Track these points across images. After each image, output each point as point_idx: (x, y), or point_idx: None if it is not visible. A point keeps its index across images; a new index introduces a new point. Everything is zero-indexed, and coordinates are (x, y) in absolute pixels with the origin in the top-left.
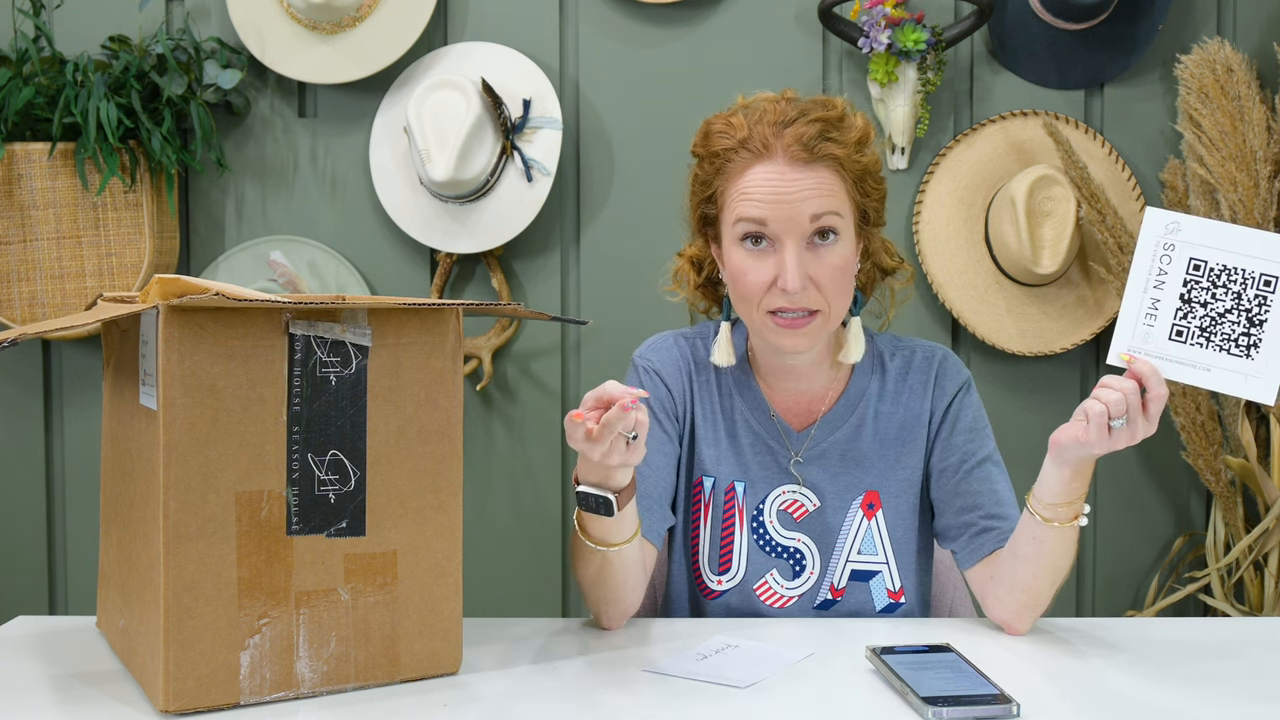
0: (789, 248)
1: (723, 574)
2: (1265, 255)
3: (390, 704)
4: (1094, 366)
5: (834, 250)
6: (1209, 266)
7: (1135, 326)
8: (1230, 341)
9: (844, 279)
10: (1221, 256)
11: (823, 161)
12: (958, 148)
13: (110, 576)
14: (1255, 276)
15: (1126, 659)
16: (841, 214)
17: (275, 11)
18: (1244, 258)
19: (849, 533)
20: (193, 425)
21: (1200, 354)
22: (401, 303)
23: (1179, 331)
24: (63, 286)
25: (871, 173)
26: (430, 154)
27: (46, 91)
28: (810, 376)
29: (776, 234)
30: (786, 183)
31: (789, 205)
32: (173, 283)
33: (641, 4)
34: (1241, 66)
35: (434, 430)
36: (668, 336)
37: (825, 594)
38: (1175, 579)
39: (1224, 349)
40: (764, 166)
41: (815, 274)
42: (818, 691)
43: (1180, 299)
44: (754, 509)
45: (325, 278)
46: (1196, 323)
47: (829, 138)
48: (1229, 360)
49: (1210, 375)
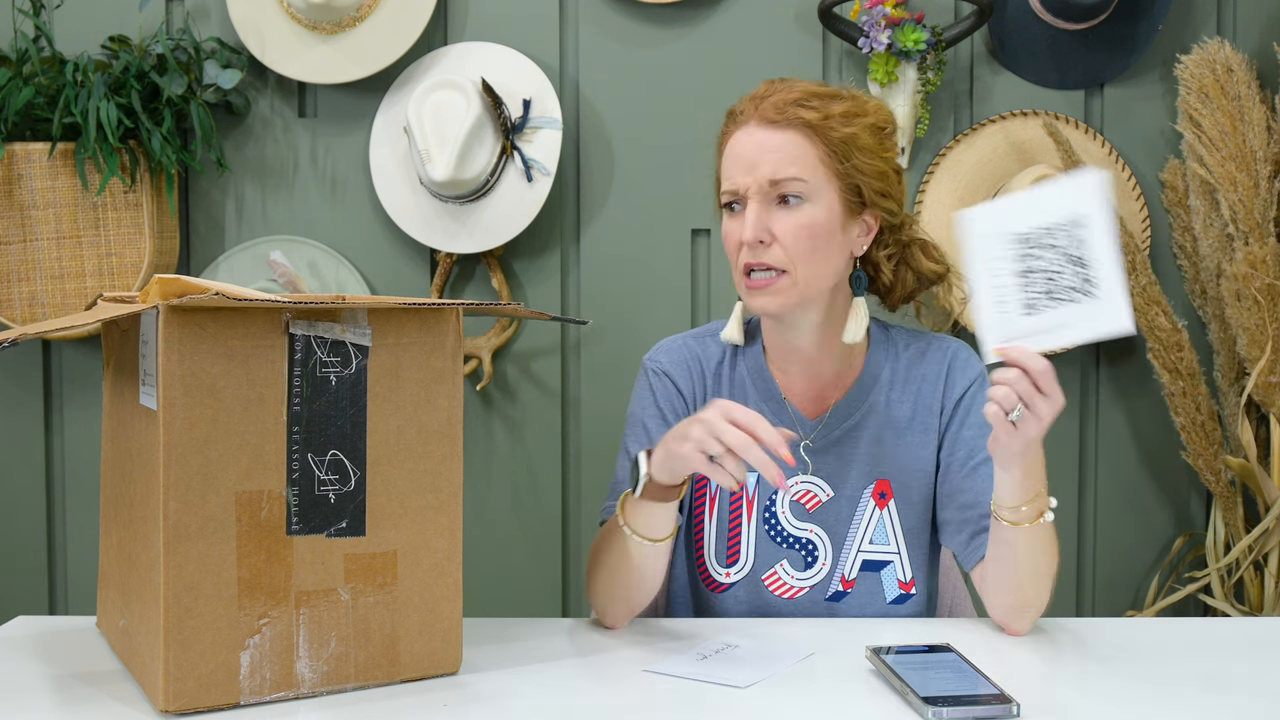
0: (750, 206)
1: (730, 565)
2: (1062, 202)
3: (390, 704)
4: (1094, 366)
5: (799, 212)
6: (1025, 235)
7: (993, 320)
8: (1072, 291)
9: (811, 241)
10: (1030, 221)
11: (790, 124)
12: (958, 148)
13: (110, 576)
14: (1064, 224)
15: (1126, 659)
16: (807, 179)
17: (275, 11)
18: (1047, 213)
19: (860, 522)
20: (193, 425)
21: (1055, 315)
22: (401, 303)
23: (1029, 305)
24: (63, 286)
25: (861, 145)
26: (430, 154)
27: (46, 91)
28: (818, 359)
29: (743, 195)
30: (754, 144)
31: (753, 169)
32: (173, 283)
33: (641, 4)
34: (1241, 66)
35: (434, 430)
36: (676, 339)
37: (836, 585)
38: (1175, 579)
39: (1070, 301)
40: (740, 132)
41: (778, 231)
42: (818, 691)
43: (1017, 275)
44: (766, 499)
45: (325, 278)
46: (1039, 289)
47: (805, 104)
48: (1078, 309)
49: (1073, 330)
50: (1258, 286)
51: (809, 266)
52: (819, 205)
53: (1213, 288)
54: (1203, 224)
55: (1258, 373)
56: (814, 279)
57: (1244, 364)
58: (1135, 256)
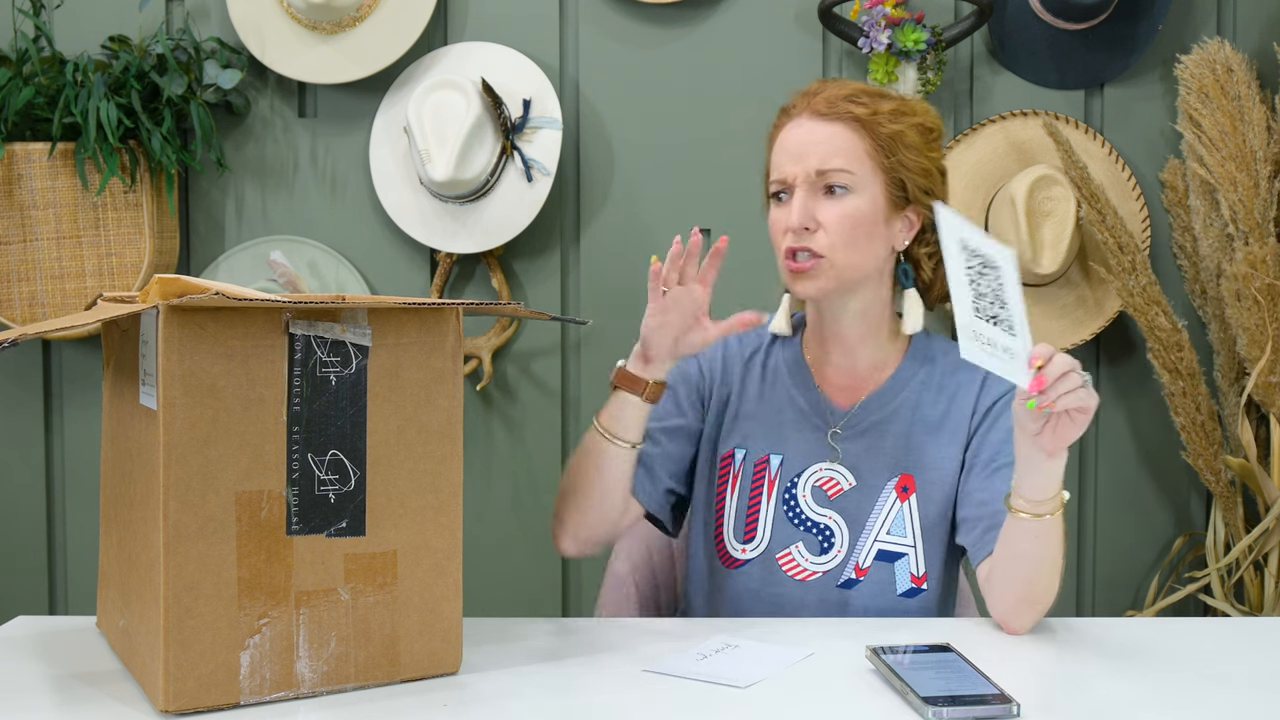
0: (797, 194)
1: (747, 542)
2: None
3: (390, 704)
4: (1094, 366)
5: (844, 201)
6: (975, 251)
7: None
8: (1006, 323)
9: (853, 230)
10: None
11: (840, 118)
12: (958, 148)
13: (110, 576)
14: (991, 262)
15: (1126, 659)
16: (853, 170)
17: (275, 11)
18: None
19: (880, 512)
20: (193, 425)
21: (996, 336)
22: (401, 302)
23: (982, 313)
24: (63, 286)
25: (907, 142)
26: (430, 154)
27: (46, 91)
28: (859, 349)
29: (791, 184)
30: (803, 134)
31: (798, 155)
32: (173, 283)
33: (641, 4)
34: (1241, 66)
35: (434, 430)
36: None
37: (850, 573)
38: (1175, 579)
39: (1005, 331)
40: (791, 124)
41: (821, 219)
42: (818, 691)
43: (972, 285)
44: (788, 481)
45: (325, 278)
46: (989, 306)
47: (855, 100)
48: (1009, 341)
49: (1001, 362)
50: (1258, 286)
51: (848, 253)
52: (863, 196)
53: (1213, 288)
54: (1203, 224)
55: (1258, 373)
56: (852, 266)
57: (1244, 364)
58: (1135, 256)
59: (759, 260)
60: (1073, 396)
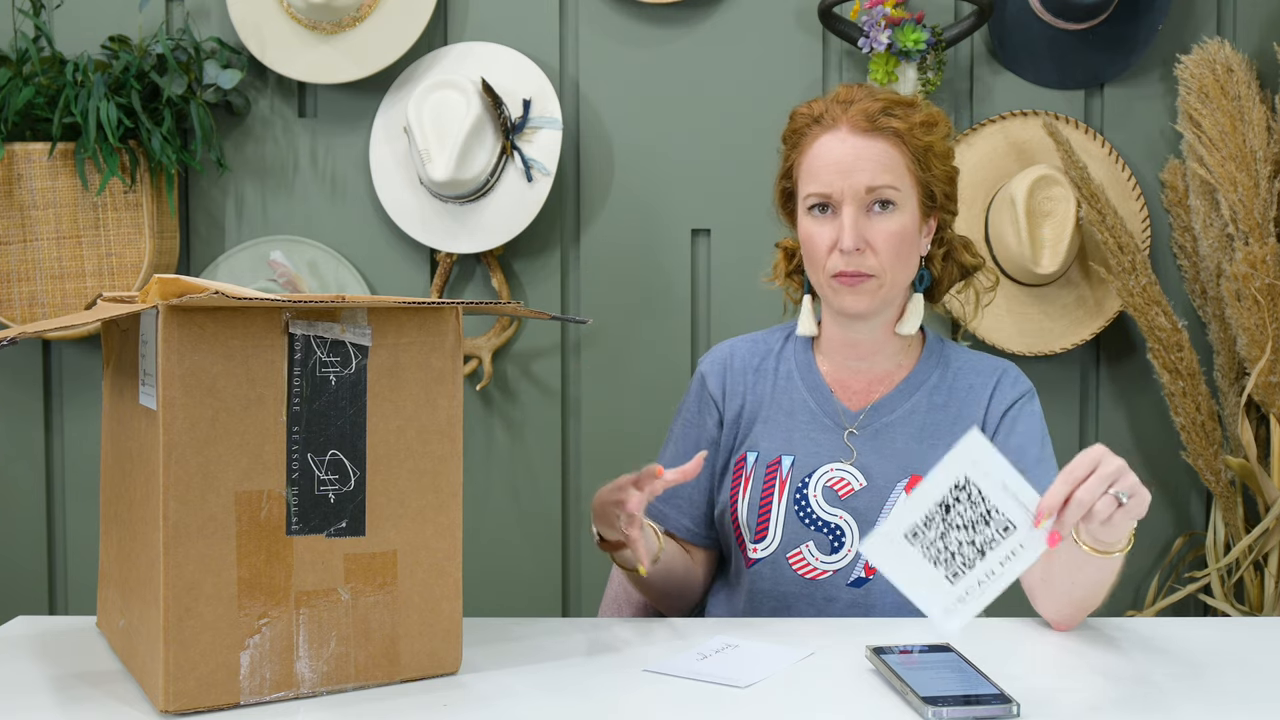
0: (846, 212)
1: (759, 541)
2: (942, 479)
3: (390, 704)
4: (1094, 366)
5: (891, 218)
6: (928, 520)
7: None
8: (995, 540)
9: (900, 246)
10: (923, 510)
11: (882, 133)
12: (958, 148)
13: (110, 576)
14: (952, 495)
15: (1126, 659)
16: (899, 187)
17: (275, 11)
18: (933, 497)
19: (890, 511)
20: (193, 425)
21: (984, 565)
22: (401, 302)
23: (952, 577)
24: (63, 286)
25: (937, 153)
26: (430, 154)
27: (46, 91)
28: (873, 355)
29: (838, 200)
30: (848, 150)
31: (849, 176)
32: (172, 283)
33: (641, 4)
34: (1241, 66)
35: (434, 430)
36: (727, 343)
37: (859, 572)
38: (1175, 579)
39: (996, 547)
40: (830, 136)
41: (871, 238)
42: (818, 691)
43: (939, 557)
44: (799, 481)
45: (325, 278)
46: (969, 554)
47: (891, 113)
48: (1004, 549)
49: (1001, 574)
50: (1258, 286)
51: (896, 271)
52: (906, 212)
53: (1213, 288)
54: (1203, 224)
55: (1258, 373)
56: (899, 281)
57: (1244, 364)
58: (1135, 256)
59: (756, 259)
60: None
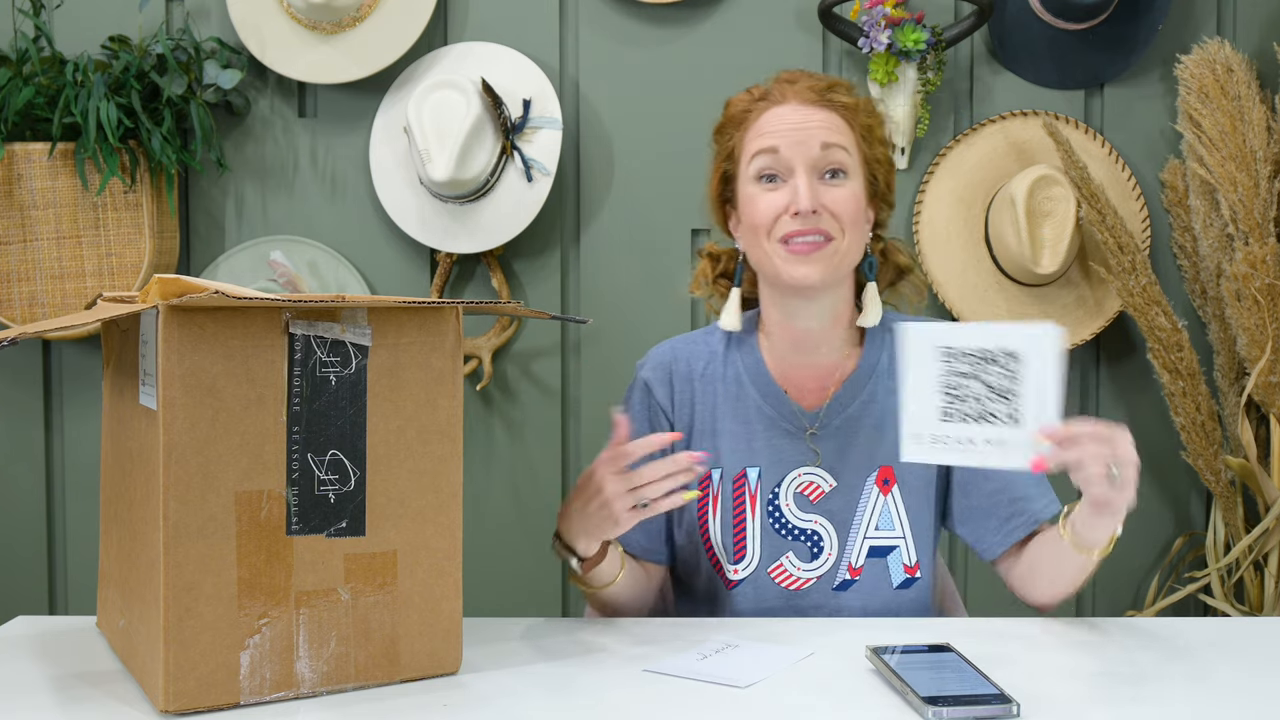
0: (800, 174)
1: (738, 562)
2: (1006, 336)
3: (390, 704)
4: (1094, 367)
5: (844, 186)
6: (958, 351)
7: (911, 416)
8: (992, 416)
9: (855, 213)
10: (967, 343)
11: (831, 107)
12: (958, 148)
13: (110, 576)
14: (999, 354)
15: (1126, 659)
16: (850, 153)
17: (275, 11)
18: (987, 341)
19: (865, 510)
20: (193, 425)
21: (966, 430)
22: (401, 302)
23: (946, 414)
24: (63, 286)
25: (878, 137)
26: (430, 154)
27: (46, 91)
28: (821, 346)
29: (789, 163)
30: (798, 115)
31: (800, 132)
32: (172, 282)
33: (641, 4)
34: (1241, 66)
35: (434, 430)
36: (668, 343)
37: (844, 574)
38: (1175, 579)
39: (986, 423)
40: (776, 109)
41: (827, 201)
42: (818, 691)
43: (942, 390)
44: (769, 493)
45: (325, 278)
46: (960, 406)
47: (836, 91)
48: (992, 430)
49: (978, 452)
50: (1258, 286)
51: (852, 235)
52: (856, 183)
53: (1213, 288)
54: (1203, 224)
55: (1258, 373)
56: (852, 251)
57: (1244, 364)
58: (1135, 256)
59: None
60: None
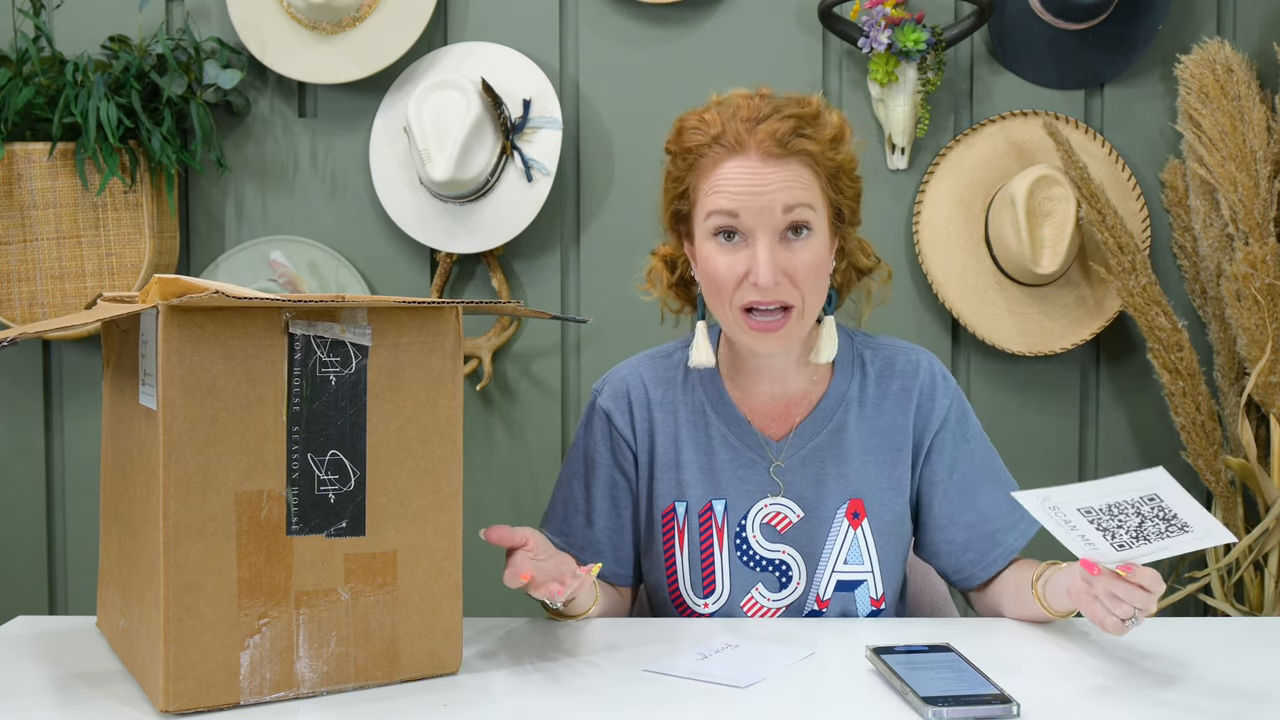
0: (761, 241)
1: (707, 596)
2: (1131, 486)
3: (390, 704)
4: (1094, 367)
5: (808, 245)
6: (1099, 507)
7: (1088, 553)
8: (1164, 534)
9: (818, 275)
10: (1102, 499)
11: (796, 157)
12: (958, 148)
13: (110, 576)
14: (1139, 499)
15: (1126, 658)
16: (815, 208)
17: (275, 11)
18: (1119, 493)
19: (835, 544)
20: (193, 425)
21: (1148, 547)
22: (401, 302)
23: (1120, 545)
24: (63, 286)
25: (846, 170)
26: (430, 154)
27: (46, 91)
28: (785, 378)
29: (749, 227)
30: (759, 177)
31: (761, 197)
32: (172, 283)
33: (641, 4)
34: (1241, 66)
35: (434, 430)
36: (626, 365)
37: (811, 605)
38: (1175, 579)
39: (1165, 537)
40: (736, 161)
41: (788, 268)
42: (818, 691)
43: (1100, 530)
44: (736, 525)
45: (325, 278)
46: (1127, 535)
47: (803, 134)
48: (1172, 542)
49: (1170, 548)
50: (1258, 286)
51: (813, 299)
52: (819, 237)
53: (1213, 288)
54: (1203, 224)
55: (1258, 373)
56: (814, 310)
57: (1244, 364)
58: (1135, 256)
59: None
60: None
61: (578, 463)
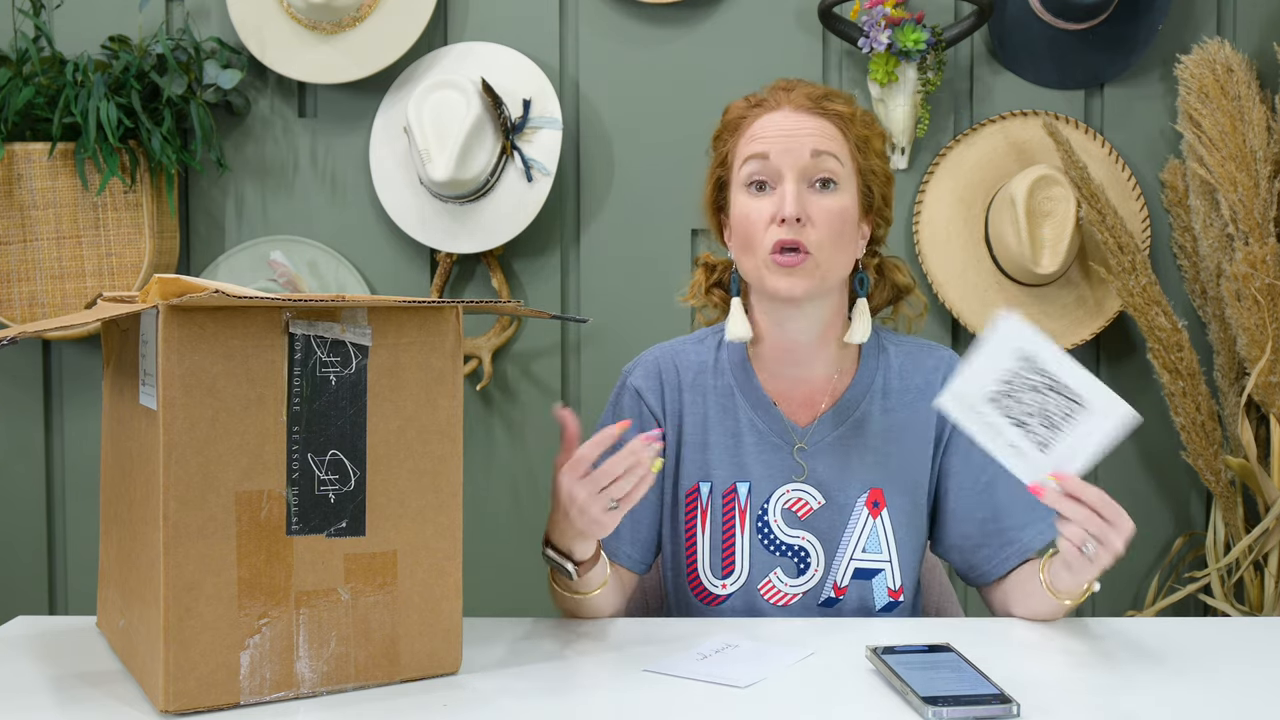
0: (788, 180)
1: (726, 577)
2: (1002, 352)
3: (390, 704)
4: (1094, 367)
5: (832, 197)
6: (997, 393)
7: (1019, 466)
8: (1067, 415)
9: (841, 226)
10: (992, 380)
11: (827, 115)
12: (958, 148)
13: (110, 576)
14: (1020, 366)
15: (1126, 659)
16: (842, 163)
17: (275, 11)
18: (1000, 366)
19: (854, 531)
20: (193, 425)
21: (1067, 440)
22: (401, 302)
23: (1041, 444)
24: (63, 286)
25: (876, 150)
26: (430, 154)
27: (46, 91)
28: (813, 360)
29: (778, 169)
30: (790, 123)
31: (792, 139)
32: (172, 282)
33: (641, 4)
34: (1241, 66)
35: (434, 430)
36: (658, 348)
37: (828, 592)
38: (1175, 579)
39: (1072, 421)
40: (771, 115)
41: (812, 213)
42: (818, 691)
43: (1015, 426)
44: (758, 508)
45: (325, 278)
46: (1041, 427)
47: (834, 99)
48: (1082, 424)
49: (1088, 445)
50: (1258, 286)
51: (833, 253)
52: (847, 195)
53: (1213, 288)
54: (1203, 224)
55: (1258, 373)
56: (834, 267)
57: (1244, 364)
58: (1135, 256)
59: None
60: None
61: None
